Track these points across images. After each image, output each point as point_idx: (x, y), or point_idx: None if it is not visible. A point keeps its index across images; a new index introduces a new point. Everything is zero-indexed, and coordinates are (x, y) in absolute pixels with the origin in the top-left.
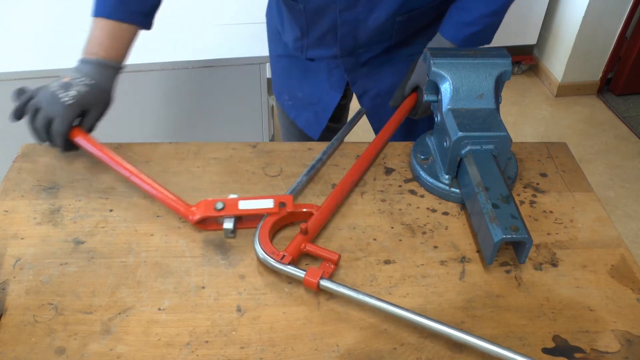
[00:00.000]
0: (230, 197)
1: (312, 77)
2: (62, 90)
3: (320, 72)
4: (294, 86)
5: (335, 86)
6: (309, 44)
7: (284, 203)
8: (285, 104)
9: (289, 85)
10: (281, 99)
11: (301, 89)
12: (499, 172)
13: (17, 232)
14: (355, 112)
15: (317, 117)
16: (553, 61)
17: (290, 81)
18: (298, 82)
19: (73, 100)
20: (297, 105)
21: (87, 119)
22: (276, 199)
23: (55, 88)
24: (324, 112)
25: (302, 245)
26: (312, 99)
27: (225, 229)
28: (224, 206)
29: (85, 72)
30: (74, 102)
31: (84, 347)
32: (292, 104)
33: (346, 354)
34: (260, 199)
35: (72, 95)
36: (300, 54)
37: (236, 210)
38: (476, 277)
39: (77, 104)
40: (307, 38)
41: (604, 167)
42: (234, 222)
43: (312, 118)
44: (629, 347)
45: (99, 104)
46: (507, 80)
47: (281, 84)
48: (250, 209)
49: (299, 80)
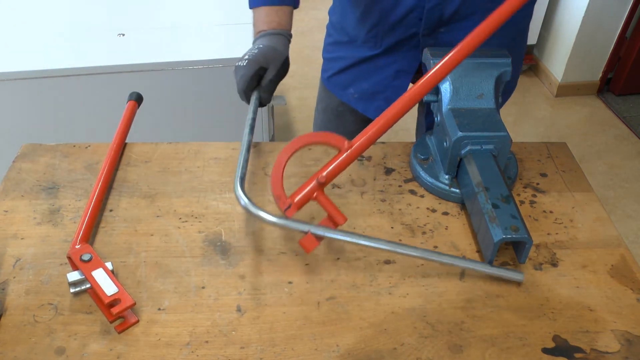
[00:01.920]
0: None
1: (380, 66)
2: (239, 61)
3: (389, 59)
4: (360, 78)
5: (406, 70)
6: (386, 30)
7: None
8: (350, 99)
9: (354, 78)
10: (345, 94)
11: (367, 79)
12: (499, 172)
13: (17, 232)
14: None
15: (386, 104)
16: (553, 61)
17: (355, 74)
18: (364, 73)
19: (246, 62)
20: (365, 96)
21: (265, 76)
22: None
23: (237, 63)
24: (393, 99)
25: (313, 194)
26: (379, 87)
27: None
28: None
29: (257, 42)
30: (247, 62)
31: (84, 347)
32: (358, 97)
33: (346, 354)
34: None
35: (246, 59)
36: (374, 44)
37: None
38: (476, 277)
39: (252, 62)
40: (385, 22)
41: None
42: None
43: (383, 105)
44: (629, 347)
45: (274, 61)
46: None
47: (346, 79)
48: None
49: (366, 73)
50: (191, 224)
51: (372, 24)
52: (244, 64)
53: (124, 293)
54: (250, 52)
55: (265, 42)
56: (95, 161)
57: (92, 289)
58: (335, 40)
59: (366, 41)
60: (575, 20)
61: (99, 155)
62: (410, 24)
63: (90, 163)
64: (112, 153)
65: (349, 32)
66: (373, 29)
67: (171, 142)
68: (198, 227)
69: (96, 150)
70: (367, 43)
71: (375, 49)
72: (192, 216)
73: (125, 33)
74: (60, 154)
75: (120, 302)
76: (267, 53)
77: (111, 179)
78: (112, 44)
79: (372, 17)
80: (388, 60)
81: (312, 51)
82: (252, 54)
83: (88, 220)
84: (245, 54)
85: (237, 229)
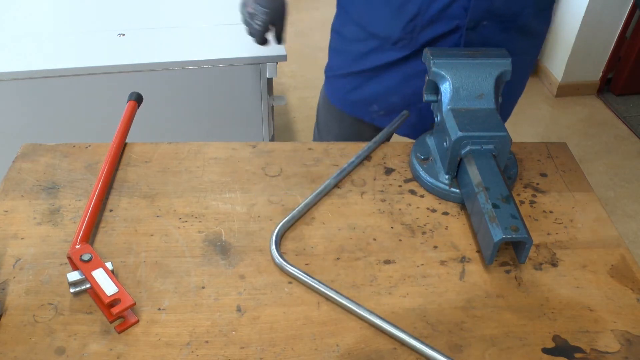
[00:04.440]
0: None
1: (410, 74)
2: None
3: (421, 65)
4: (387, 91)
5: None
6: (426, 22)
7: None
8: (373, 117)
9: (378, 93)
10: (366, 112)
11: (396, 92)
12: (499, 172)
13: (17, 232)
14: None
15: (419, 118)
16: (553, 61)
17: (379, 88)
18: (393, 86)
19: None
20: (394, 111)
21: (277, 26)
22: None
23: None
24: (429, 110)
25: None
26: (410, 99)
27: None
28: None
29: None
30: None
31: (84, 347)
32: (384, 114)
33: (346, 354)
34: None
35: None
36: (409, 42)
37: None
38: (476, 277)
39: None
40: (426, 12)
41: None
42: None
43: (415, 120)
44: (629, 347)
45: (278, 12)
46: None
47: (368, 94)
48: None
49: (394, 84)
50: (191, 224)
51: (411, 16)
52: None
53: (124, 293)
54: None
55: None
56: (95, 161)
57: (92, 289)
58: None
59: (400, 39)
60: (575, 20)
61: (99, 155)
62: (454, 14)
63: (90, 163)
64: (112, 153)
65: (377, 32)
66: (410, 22)
67: (171, 142)
68: (198, 227)
69: (96, 150)
70: (402, 41)
71: (408, 48)
72: (192, 216)
73: (125, 33)
74: (60, 154)
75: (120, 302)
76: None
77: (111, 179)
78: (112, 44)
79: (411, 7)
80: (422, 65)
81: (312, 51)
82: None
83: (88, 220)
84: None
85: (237, 229)
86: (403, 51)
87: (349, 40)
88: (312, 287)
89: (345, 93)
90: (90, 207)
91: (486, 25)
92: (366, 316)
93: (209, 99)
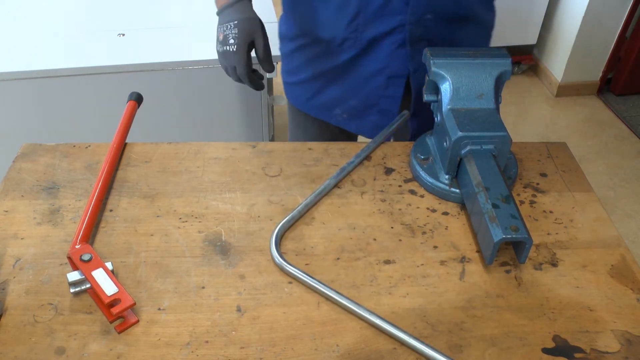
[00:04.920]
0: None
1: (367, 75)
2: (225, 46)
3: (375, 65)
4: (346, 95)
5: (398, 75)
6: (368, 19)
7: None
8: (338, 120)
9: (339, 96)
10: (331, 116)
11: (355, 95)
12: (498, 172)
13: (17, 232)
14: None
15: (381, 117)
16: (553, 61)
17: (338, 91)
18: (351, 89)
19: (235, 46)
20: (356, 114)
21: (258, 48)
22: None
23: (221, 49)
24: (389, 110)
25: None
26: (371, 101)
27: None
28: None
29: (227, 18)
30: (237, 45)
31: (84, 347)
32: (347, 117)
33: (346, 354)
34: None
35: (232, 43)
36: (354, 41)
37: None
38: (476, 277)
39: (242, 43)
40: (366, 9)
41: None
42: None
43: (377, 121)
44: (629, 347)
45: (257, 30)
46: (507, 80)
47: (329, 98)
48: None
49: (352, 87)
50: (191, 224)
51: (352, 15)
52: (233, 48)
53: (124, 293)
54: (228, 31)
55: (235, 14)
56: (95, 161)
57: (92, 289)
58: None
59: (345, 39)
60: (575, 20)
61: (99, 155)
62: (395, 9)
63: (90, 163)
64: (112, 153)
65: (322, 36)
66: (353, 21)
67: (171, 142)
68: (198, 227)
69: (96, 150)
70: (347, 42)
71: (355, 48)
72: (192, 216)
73: (125, 33)
74: (60, 154)
75: (120, 302)
76: (246, 27)
77: (111, 179)
78: (112, 44)
79: (351, 6)
80: (375, 64)
81: None
82: (234, 34)
83: (88, 220)
84: (222, 33)
85: (237, 229)
86: (350, 51)
87: (297, 47)
88: (312, 287)
89: (306, 99)
90: (90, 207)
91: (429, 18)
92: (366, 316)
93: (208, 99)
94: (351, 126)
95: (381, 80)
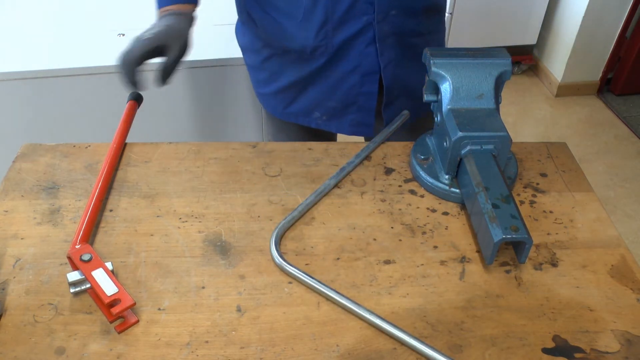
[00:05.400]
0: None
1: (340, 77)
2: (144, 33)
3: (348, 65)
4: (323, 97)
5: (371, 71)
6: (335, 25)
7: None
8: (317, 123)
9: (316, 100)
10: (310, 120)
11: (331, 97)
12: (498, 172)
13: (17, 232)
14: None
15: (361, 114)
16: (553, 61)
17: (315, 95)
18: (326, 92)
19: (151, 36)
20: (335, 115)
21: (168, 56)
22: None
23: (140, 33)
24: (367, 106)
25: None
26: (348, 100)
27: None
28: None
29: (163, 21)
30: (151, 37)
31: (84, 347)
32: (327, 119)
33: (346, 354)
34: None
35: (150, 33)
36: (325, 48)
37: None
38: (476, 277)
39: (155, 39)
40: (333, 16)
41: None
42: None
43: (357, 118)
44: (629, 347)
45: (176, 43)
46: (507, 80)
47: (306, 104)
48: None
49: (327, 89)
50: (191, 224)
51: (319, 23)
52: (145, 36)
53: (124, 293)
54: (153, 28)
55: (171, 21)
56: (95, 161)
57: (92, 289)
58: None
59: (316, 47)
60: (575, 20)
61: (99, 155)
62: (361, 11)
63: (90, 163)
64: (112, 153)
65: (291, 47)
66: (321, 29)
67: (171, 142)
68: (198, 227)
69: (96, 150)
70: (318, 49)
71: (327, 54)
72: (192, 216)
73: (125, 33)
74: (60, 154)
75: (120, 302)
76: (170, 34)
77: (111, 179)
78: (112, 44)
79: (317, 15)
80: (347, 65)
81: None
82: (155, 31)
83: (88, 220)
84: (147, 29)
85: (237, 229)
86: (322, 58)
87: (264, 58)
88: (312, 287)
89: (283, 108)
90: (90, 207)
91: (395, 14)
92: (366, 316)
93: (209, 99)
94: (331, 127)
95: (356, 78)
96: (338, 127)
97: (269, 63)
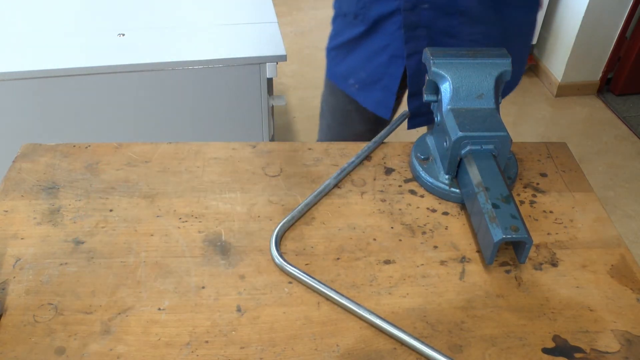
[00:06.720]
0: None
1: (373, 51)
2: None
3: (380, 42)
4: (358, 66)
5: (399, 55)
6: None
7: None
8: (351, 90)
9: (353, 67)
10: (347, 85)
11: (364, 67)
12: (499, 172)
13: (17, 232)
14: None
15: (384, 94)
16: (553, 61)
17: (354, 62)
18: (361, 61)
19: None
20: (365, 87)
21: None
22: None
23: None
24: (390, 87)
25: None
26: (376, 75)
27: None
28: None
29: None
30: None
31: (84, 347)
32: (358, 87)
33: (346, 354)
34: None
35: None
36: (363, 17)
37: None
38: (476, 277)
39: None
40: None
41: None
42: None
43: (381, 97)
44: (629, 347)
45: None
46: (507, 80)
47: (346, 67)
48: None
49: (362, 59)
50: (191, 224)
51: None
52: None
53: None
54: None
55: None
56: (95, 161)
57: None
58: (336, 25)
59: (357, 14)
60: (575, 20)
61: (99, 155)
62: None
63: (90, 163)
64: None
65: (343, 9)
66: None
67: (171, 142)
68: (198, 227)
69: (96, 150)
70: (359, 16)
71: (364, 23)
72: (192, 216)
73: (125, 33)
74: (60, 154)
75: None
76: None
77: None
78: (112, 44)
79: None
80: (380, 41)
81: (312, 51)
82: None
83: None
84: None
85: (237, 229)
86: (361, 26)
87: (334, 16)
88: (312, 287)
89: (333, 66)
90: None
91: (426, 8)
92: (366, 316)
93: (209, 99)
94: (360, 97)
95: (384, 57)
96: (365, 99)
97: (335, 22)
